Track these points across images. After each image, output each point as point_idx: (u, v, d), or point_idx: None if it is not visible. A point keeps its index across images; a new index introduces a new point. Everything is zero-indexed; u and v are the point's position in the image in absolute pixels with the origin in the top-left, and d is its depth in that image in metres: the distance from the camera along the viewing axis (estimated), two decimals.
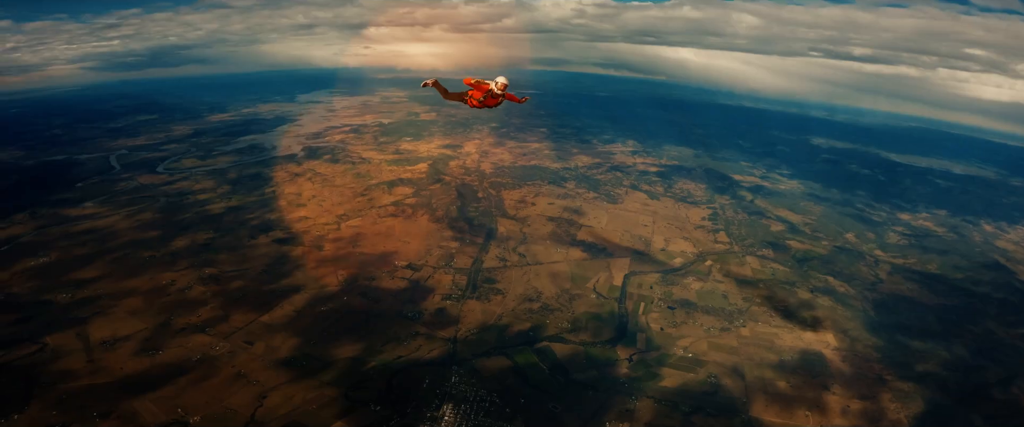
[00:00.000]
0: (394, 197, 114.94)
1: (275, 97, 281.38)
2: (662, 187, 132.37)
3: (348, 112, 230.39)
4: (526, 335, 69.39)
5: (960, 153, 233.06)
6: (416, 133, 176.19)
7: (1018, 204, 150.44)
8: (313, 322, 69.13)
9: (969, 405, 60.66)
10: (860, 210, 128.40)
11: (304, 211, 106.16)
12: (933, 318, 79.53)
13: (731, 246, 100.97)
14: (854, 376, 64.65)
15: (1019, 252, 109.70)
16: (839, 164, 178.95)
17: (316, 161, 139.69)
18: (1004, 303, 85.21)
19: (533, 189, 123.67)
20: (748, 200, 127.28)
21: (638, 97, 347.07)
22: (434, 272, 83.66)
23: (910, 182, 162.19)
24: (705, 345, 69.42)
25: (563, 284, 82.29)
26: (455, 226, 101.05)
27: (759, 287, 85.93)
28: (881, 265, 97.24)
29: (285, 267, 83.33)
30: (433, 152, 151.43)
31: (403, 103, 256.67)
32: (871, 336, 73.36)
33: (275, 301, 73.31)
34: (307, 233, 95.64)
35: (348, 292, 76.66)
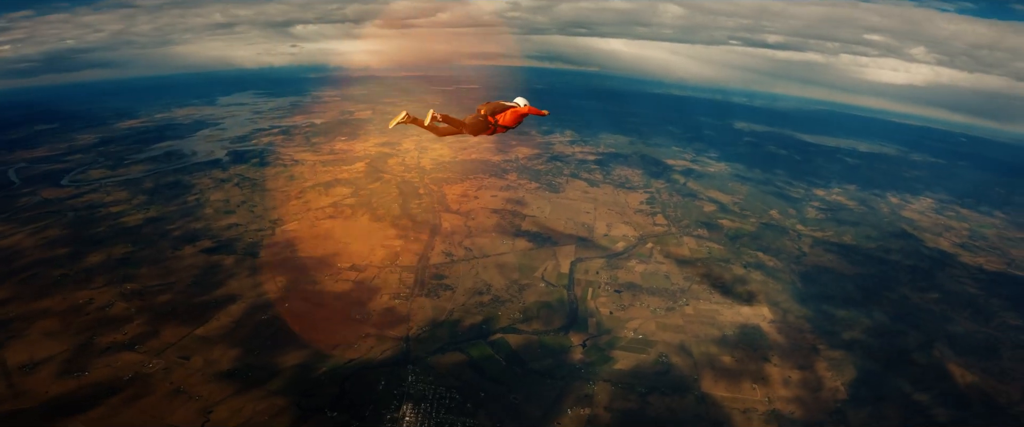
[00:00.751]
0: (331, 198, 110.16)
1: (192, 100, 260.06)
2: (601, 174, 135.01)
3: (276, 113, 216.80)
4: (479, 328, 68.95)
5: (864, 133, 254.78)
6: (351, 132, 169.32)
7: (918, 177, 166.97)
8: (253, 331, 65.70)
9: (896, 370, 65.93)
10: (780, 188, 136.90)
11: (233, 218, 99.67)
12: (853, 287, 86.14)
13: (669, 228, 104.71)
14: (790, 347, 69.01)
15: (923, 221, 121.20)
16: (759, 146, 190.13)
17: (243, 165, 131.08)
18: (914, 269, 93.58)
19: (475, 183, 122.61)
20: (681, 183, 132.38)
21: (573, 88, 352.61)
22: (379, 272, 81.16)
23: (822, 160, 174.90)
24: (653, 325, 71.70)
25: (511, 275, 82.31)
26: (398, 224, 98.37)
27: (698, 266, 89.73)
28: (803, 238, 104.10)
29: (217, 277, 78.22)
30: (370, 151, 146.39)
31: (336, 102, 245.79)
32: (801, 307, 78.51)
33: (209, 313, 68.98)
34: (239, 241, 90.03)
35: (289, 298, 73.14)
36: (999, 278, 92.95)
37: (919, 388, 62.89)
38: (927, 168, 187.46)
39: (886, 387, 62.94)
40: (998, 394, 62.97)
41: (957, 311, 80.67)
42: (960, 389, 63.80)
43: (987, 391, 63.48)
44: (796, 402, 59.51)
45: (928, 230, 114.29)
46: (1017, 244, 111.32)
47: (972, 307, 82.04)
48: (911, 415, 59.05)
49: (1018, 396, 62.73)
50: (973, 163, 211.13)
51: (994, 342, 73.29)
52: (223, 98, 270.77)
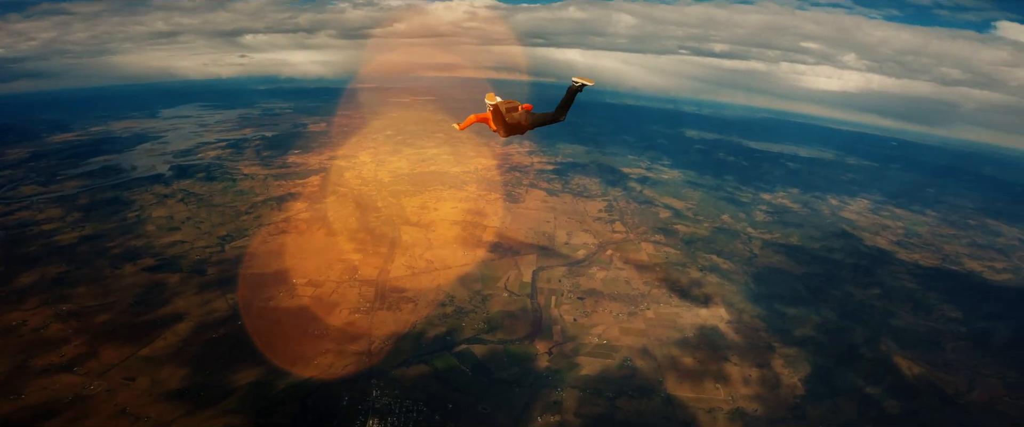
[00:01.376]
0: (285, 214, 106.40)
1: (132, 113, 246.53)
2: (560, 184, 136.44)
3: (224, 127, 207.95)
4: (443, 340, 67.97)
5: (804, 139, 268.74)
6: (305, 145, 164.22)
7: (855, 180, 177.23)
8: (203, 350, 62.84)
9: (847, 365, 69.25)
10: (730, 193, 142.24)
11: (178, 235, 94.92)
12: (801, 286, 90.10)
13: (627, 234, 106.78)
14: (747, 346, 71.42)
15: (861, 221, 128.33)
16: (709, 153, 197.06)
17: (188, 180, 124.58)
18: (856, 267, 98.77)
19: (434, 195, 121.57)
20: (637, 191, 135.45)
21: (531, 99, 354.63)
22: (338, 287, 78.96)
23: (767, 166, 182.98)
24: (617, 331, 72.63)
25: (474, 286, 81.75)
26: (356, 238, 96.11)
27: (656, 271, 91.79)
28: (754, 241, 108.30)
29: (161, 296, 74.28)
30: (325, 164, 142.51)
31: (288, 115, 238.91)
32: (755, 307, 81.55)
33: (154, 332, 65.57)
34: (184, 258, 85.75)
35: (241, 316, 70.14)
36: (935, 273, 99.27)
37: (870, 382, 66.16)
38: (862, 171, 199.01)
39: (840, 381, 65.90)
40: (946, 385, 67.02)
41: (899, 306, 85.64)
42: (909, 381, 67.47)
43: (935, 382, 67.45)
44: (758, 400, 61.44)
45: (866, 229, 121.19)
46: (949, 240, 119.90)
47: (912, 301, 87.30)
48: (866, 409, 61.99)
49: (965, 386, 66.99)
50: (904, 165, 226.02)
51: (936, 335, 78.21)
52: (166, 111, 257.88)
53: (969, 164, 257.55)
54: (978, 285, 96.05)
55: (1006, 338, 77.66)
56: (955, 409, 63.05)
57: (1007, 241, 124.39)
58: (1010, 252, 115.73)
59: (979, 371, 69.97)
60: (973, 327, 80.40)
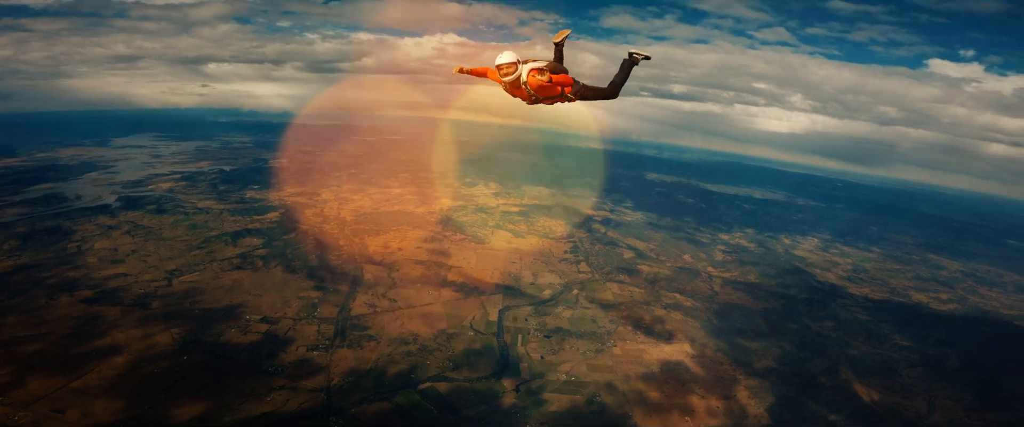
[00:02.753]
0: (240, 249, 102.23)
1: (82, 140, 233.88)
2: (525, 225, 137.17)
3: (179, 158, 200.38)
4: (407, 377, 65.70)
5: (757, 181, 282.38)
6: (264, 181, 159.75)
7: (804, 219, 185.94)
8: (142, 383, 59.16)
9: (809, 394, 70.64)
10: (690, 234, 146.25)
11: (122, 268, 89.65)
12: (761, 320, 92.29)
13: (593, 274, 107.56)
14: (712, 379, 72.02)
15: (812, 258, 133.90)
16: (670, 196, 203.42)
17: (137, 212, 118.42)
18: (810, 301, 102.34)
19: (398, 234, 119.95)
20: (602, 232, 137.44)
21: (497, 141, 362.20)
22: (295, 324, 75.82)
23: (724, 207, 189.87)
24: (584, 367, 72.04)
25: (438, 324, 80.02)
26: (316, 275, 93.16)
27: (622, 309, 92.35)
28: (714, 279, 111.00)
29: (98, 327, 69.86)
30: (285, 200, 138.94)
31: (248, 149, 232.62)
32: (717, 341, 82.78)
33: (87, 364, 61.54)
34: (126, 290, 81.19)
35: (187, 350, 66.49)
36: (885, 305, 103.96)
37: (833, 409, 67.59)
38: (811, 211, 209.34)
39: (804, 410, 66.96)
40: (906, 409, 69.41)
41: (853, 336, 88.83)
42: (870, 407, 69.30)
43: (895, 407, 69.68)
44: None
45: (817, 266, 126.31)
46: (895, 275, 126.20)
47: (866, 332, 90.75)
48: None
49: (925, 410, 69.61)
50: (848, 205, 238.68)
51: (891, 362, 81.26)
52: (118, 139, 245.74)
53: (908, 202, 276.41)
54: (926, 315, 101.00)
55: (957, 363, 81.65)
56: None
57: (949, 274, 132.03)
58: (953, 284, 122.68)
59: (936, 395, 73.17)
60: (925, 354, 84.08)
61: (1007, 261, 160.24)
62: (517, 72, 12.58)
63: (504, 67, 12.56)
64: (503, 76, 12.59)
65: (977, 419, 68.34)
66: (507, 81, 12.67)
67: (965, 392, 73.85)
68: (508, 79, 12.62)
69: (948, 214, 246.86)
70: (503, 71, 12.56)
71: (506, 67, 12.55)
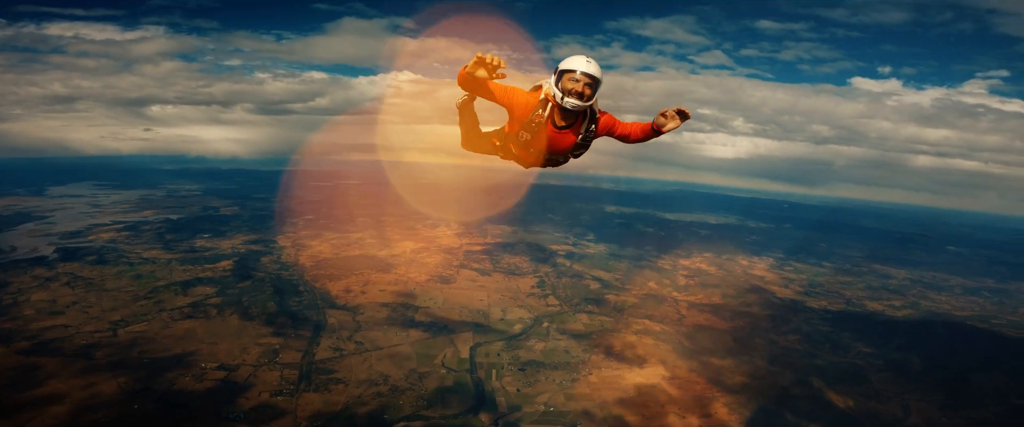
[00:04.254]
0: (191, 298, 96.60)
1: (15, 189, 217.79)
2: (490, 263, 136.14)
3: (121, 208, 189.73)
4: (380, 419, 62.97)
5: (710, 207, 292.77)
6: (215, 229, 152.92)
7: (757, 241, 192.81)
8: None
9: (784, 406, 71.62)
10: (652, 262, 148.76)
11: (62, 319, 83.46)
12: (729, 339, 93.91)
13: (561, 307, 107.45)
14: (689, 398, 72.33)
15: (768, 276, 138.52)
16: (629, 226, 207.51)
17: (76, 263, 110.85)
18: (773, 317, 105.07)
19: (361, 278, 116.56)
20: (567, 266, 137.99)
21: (458, 182, 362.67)
22: (256, 370, 71.87)
23: (682, 234, 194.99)
24: (562, 397, 71.04)
25: (409, 364, 77.37)
26: (275, 322, 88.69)
27: (593, 338, 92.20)
28: (680, 303, 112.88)
29: (35, 377, 65.10)
30: (239, 249, 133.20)
31: (196, 197, 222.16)
32: (690, 362, 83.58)
33: (23, 415, 57.46)
34: (67, 340, 76.01)
35: (136, 399, 62.29)
36: (843, 315, 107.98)
37: (811, 419, 68.65)
38: (762, 233, 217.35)
39: (782, 422, 67.73)
40: (882, 413, 71.50)
41: (818, 347, 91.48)
42: (848, 414, 70.89)
43: (871, 412, 71.60)
44: None
45: (775, 283, 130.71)
46: (848, 286, 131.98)
47: (829, 342, 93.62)
48: None
49: (901, 413, 71.79)
50: (795, 224, 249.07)
51: (858, 369, 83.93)
52: (54, 188, 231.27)
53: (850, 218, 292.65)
54: (884, 322, 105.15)
55: (922, 366, 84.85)
56: None
57: (899, 282, 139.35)
58: (904, 291, 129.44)
59: (908, 397, 75.79)
60: (889, 359, 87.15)
61: (950, 266, 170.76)
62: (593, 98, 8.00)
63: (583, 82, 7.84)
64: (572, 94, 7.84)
65: (953, 417, 70.95)
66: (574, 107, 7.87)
67: (935, 392, 76.66)
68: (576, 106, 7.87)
69: (888, 227, 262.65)
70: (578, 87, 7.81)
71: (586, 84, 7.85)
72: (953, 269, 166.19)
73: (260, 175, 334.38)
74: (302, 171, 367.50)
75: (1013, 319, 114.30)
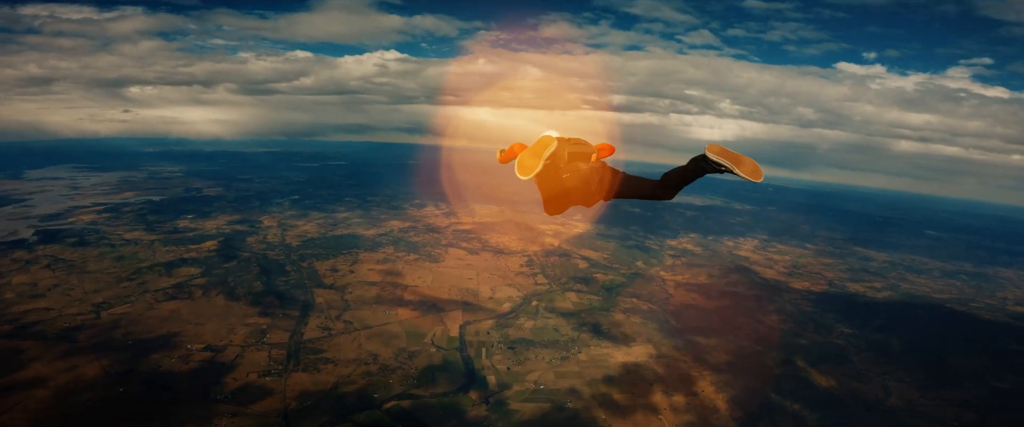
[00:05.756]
0: (175, 279, 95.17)
1: None
2: (479, 243, 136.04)
3: (101, 189, 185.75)
4: (369, 398, 62.89)
5: (696, 188, 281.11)
6: (199, 210, 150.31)
7: (742, 222, 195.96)
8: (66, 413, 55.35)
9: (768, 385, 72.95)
10: (639, 242, 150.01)
11: (43, 302, 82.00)
12: (716, 319, 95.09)
13: (550, 286, 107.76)
14: (674, 377, 73.29)
15: (753, 257, 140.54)
16: (616, 206, 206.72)
17: (56, 246, 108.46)
18: (758, 298, 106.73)
19: (349, 257, 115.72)
20: (555, 245, 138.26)
21: (446, 163, 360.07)
22: (243, 350, 71.34)
23: (668, 216, 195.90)
24: (552, 375, 71.55)
25: (399, 344, 77.27)
26: (262, 302, 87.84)
27: (582, 316, 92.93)
28: (667, 283, 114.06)
29: (17, 361, 64.25)
30: (223, 229, 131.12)
31: (178, 179, 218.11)
32: (677, 341, 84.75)
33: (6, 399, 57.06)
34: (49, 323, 74.81)
35: (121, 381, 61.74)
36: (825, 296, 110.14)
37: (794, 398, 70.03)
38: (747, 214, 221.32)
39: (766, 400, 69.14)
40: (864, 393, 73.11)
41: (801, 327, 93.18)
42: (830, 393, 72.49)
43: (853, 391, 73.20)
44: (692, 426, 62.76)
45: (760, 264, 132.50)
46: (829, 268, 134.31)
47: (812, 322, 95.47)
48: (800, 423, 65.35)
49: (881, 393, 73.47)
50: (779, 207, 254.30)
51: (840, 350, 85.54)
52: (32, 172, 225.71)
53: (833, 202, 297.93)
54: (865, 304, 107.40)
55: (901, 347, 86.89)
56: (881, 414, 68.92)
57: (879, 265, 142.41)
58: (884, 273, 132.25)
59: (888, 378, 77.49)
60: (870, 340, 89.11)
61: (930, 250, 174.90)
62: None
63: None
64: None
65: (932, 397, 72.85)
66: None
67: (915, 373, 78.61)
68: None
69: (869, 211, 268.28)
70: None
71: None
72: (932, 253, 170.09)
73: (244, 156, 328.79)
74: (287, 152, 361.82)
75: (990, 302, 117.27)
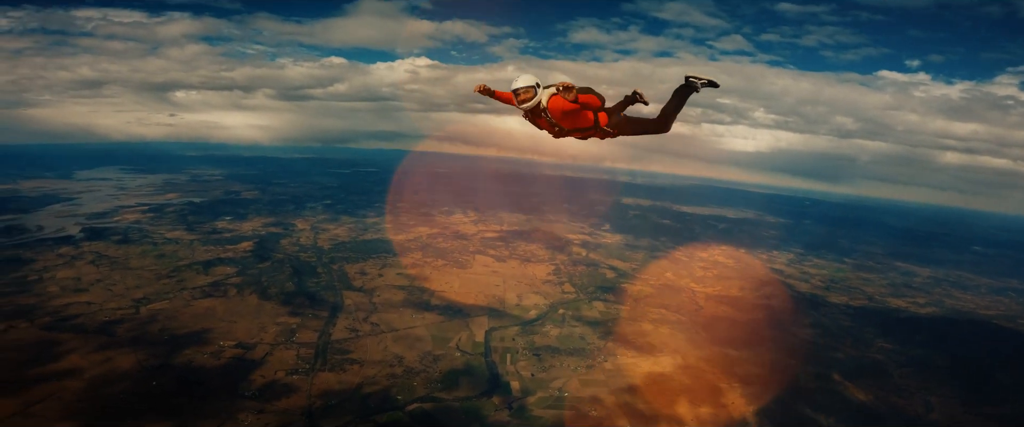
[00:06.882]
0: (212, 278, 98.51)
1: (44, 173, 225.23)
2: (507, 250, 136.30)
3: (145, 191, 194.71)
4: (393, 399, 63.46)
5: (729, 201, 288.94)
6: (236, 212, 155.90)
7: (776, 236, 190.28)
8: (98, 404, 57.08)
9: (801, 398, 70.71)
10: (669, 253, 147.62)
11: (86, 296, 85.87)
12: (747, 331, 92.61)
13: (578, 295, 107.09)
14: (701, 388, 71.77)
15: (788, 271, 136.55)
16: (645, 218, 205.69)
17: (101, 243, 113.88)
18: (793, 310, 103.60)
19: (378, 261, 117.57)
20: (583, 255, 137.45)
21: (474, 172, 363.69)
22: (273, 349, 73.12)
23: (699, 228, 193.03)
24: (577, 382, 70.85)
25: (424, 347, 77.90)
26: (293, 302, 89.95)
27: (609, 325, 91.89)
28: (697, 294, 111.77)
29: (54, 351, 67.06)
30: (259, 231, 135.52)
31: (218, 182, 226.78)
32: (706, 352, 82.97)
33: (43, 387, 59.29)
34: (89, 316, 78.21)
35: (155, 375, 63.88)
36: (865, 311, 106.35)
37: (827, 412, 67.59)
38: (781, 228, 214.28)
39: (797, 414, 66.85)
40: (905, 409, 70.65)
41: (839, 342, 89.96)
42: (867, 408, 70.03)
43: (893, 407, 70.72)
44: None
45: (794, 278, 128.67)
46: (870, 283, 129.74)
47: (850, 336, 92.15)
48: None
49: (923, 409, 70.76)
50: (816, 220, 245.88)
51: (880, 365, 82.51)
52: (82, 172, 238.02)
53: (873, 216, 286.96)
54: (907, 319, 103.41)
55: (945, 363, 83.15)
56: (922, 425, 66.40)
57: (923, 280, 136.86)
58: (928, 289, 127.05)
59: (930, 393, 74.49)
60: (912, 356, 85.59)
61: (976, 266, 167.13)
62: (536, 98, 10.49)
63: (521, 92, 10.48)
64: (520, 103, 10.55)
65: (975, 413, 69.60)
66: (525, 108, 10.61)
67: (958, 389, 75.35)
68: (526, 106, 10.56)
69: (912, 225, 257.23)
70: (520, 97, 10.50)
71: (523, 92, 10.47)
72: (978, 269, 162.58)
73: (280, 161, 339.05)
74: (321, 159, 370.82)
75: None
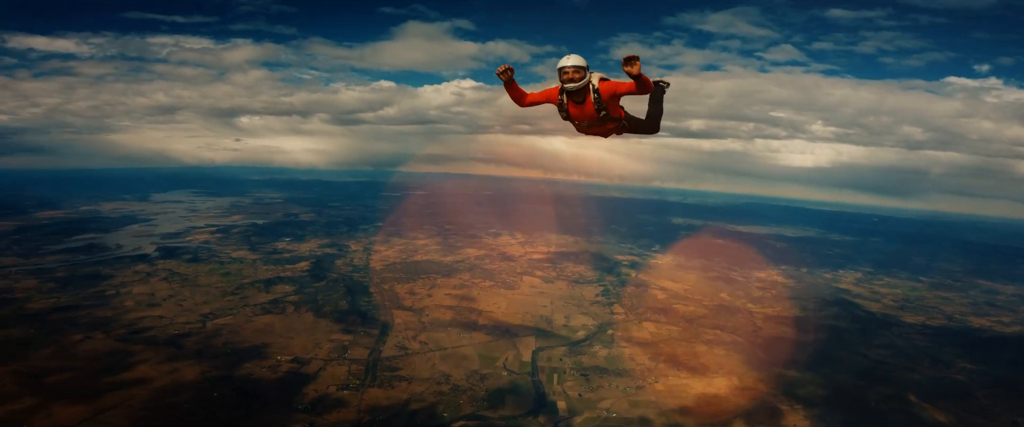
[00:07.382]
0: (272, 295, 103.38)
1: (123, 195, 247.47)
2: (554, 271, 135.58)
3: (214, 213, 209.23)
4: (438, 416, 63.64)
5: (787, 220, 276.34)
6: (295, 234, 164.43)
7: (841, 254, 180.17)
8: (162, 411, 60.19)
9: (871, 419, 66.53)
10: (723, 273, 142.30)
11: (158, 311, 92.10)
12: (810, 352, 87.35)
13: (627, 315, 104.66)
14: (759, 410, 68.05)
15: (855, 289, 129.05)
16: (697, 238, 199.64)
17: (174, 261, 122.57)
18: (864, 331, 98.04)
19: (427, 282, 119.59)
20: (632, 276, 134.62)
21: (520, 193, 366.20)
22: (326, 364, 75.27)
23: (755, 247, 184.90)
24: (626, 403, 68.66)
25: (471, 366, 77.82)
26: (346, 320, 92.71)
27: (660, 346, 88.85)
28: (755, 315, 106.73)
29: (126, 361, 71.49)
30: (315, 251, 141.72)
31: (279, 205, 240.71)
32: (765, 373, 78.58)
33: (113, 395, 63.04)
34: (161, 329, 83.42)
35: (216, 386, 66.88)
36: (944, 330, 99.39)
37: None
38: (847, 246, 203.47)
39: None
40: None
41: (915, 362, 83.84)
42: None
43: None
44: None
45: (863, 297, 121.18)
46: (948, 302, 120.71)
47: (929, 357, 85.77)
48: None
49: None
50: (885, 238, 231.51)
51: (963, 385, 76.37)
52: (157, 195, 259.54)
53: (950, 232, 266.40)
54: (991, 338, 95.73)
55: None
56: None
57: (1007, 298, 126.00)
58: (1014, 307, 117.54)
59: (1018, 414, 68.44)
60: (997, 376, 78.78)
61: None
62: (585, 78, 10.30)
63: (570, 70, 10.21)
64: (567, 81, 10.31)
65: None
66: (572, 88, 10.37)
67: None
68: (574, 86, 10.33)
69: (993, 241, 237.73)
70: (568, 75, 10.26)
71: (573, 70, 10.21)
72: None
73: (335, 185, 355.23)
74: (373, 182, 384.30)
75: None
